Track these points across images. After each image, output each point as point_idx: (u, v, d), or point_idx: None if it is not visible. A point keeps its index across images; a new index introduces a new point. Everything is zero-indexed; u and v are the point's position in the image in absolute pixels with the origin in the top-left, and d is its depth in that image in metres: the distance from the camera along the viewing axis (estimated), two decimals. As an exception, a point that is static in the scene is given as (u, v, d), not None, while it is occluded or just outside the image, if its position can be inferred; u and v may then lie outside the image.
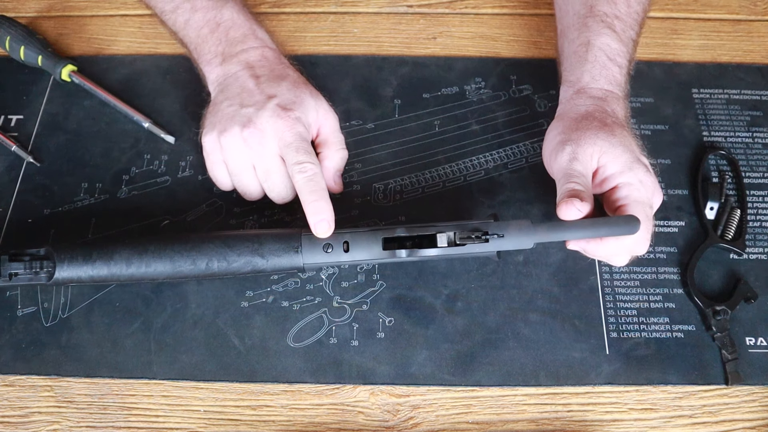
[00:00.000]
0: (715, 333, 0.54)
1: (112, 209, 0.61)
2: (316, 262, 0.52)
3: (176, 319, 0.56)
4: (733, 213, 0.60)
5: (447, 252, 0.51)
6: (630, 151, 0.52)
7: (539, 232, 0.50)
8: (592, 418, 0.52)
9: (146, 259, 0.52)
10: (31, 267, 0.52)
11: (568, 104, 0.56)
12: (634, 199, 0.50)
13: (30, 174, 0.63)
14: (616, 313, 0.56)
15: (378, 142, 0.64)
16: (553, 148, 0.53)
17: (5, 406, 0.53)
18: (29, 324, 0.55)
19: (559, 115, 0.56)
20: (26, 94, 0.67)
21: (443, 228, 0.51)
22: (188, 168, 0.63)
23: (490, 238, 0.50)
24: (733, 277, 0.57)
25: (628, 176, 0.50)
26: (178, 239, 0.53)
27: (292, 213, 0.60)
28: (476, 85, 0.67)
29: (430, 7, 0.74)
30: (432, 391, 0.53)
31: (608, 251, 0.51)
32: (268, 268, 0.52)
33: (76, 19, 0.73)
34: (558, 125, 0.55)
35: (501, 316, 0.56)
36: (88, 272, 0.52)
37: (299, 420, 0.52)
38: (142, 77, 0.68)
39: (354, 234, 0.52)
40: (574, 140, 0.52)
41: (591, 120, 0.53)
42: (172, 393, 0.53)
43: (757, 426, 0.52)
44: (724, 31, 0.72)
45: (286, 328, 0.55)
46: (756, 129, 0.65)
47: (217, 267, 0.52)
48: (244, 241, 0.52)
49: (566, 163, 0.51)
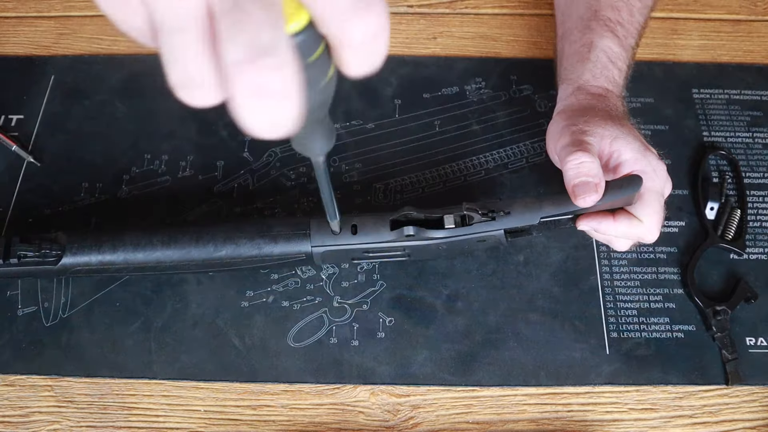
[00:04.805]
0: (715, 333, 0.54)
1: (112, 209, 0.61)
2: (324, 245, 0.52)
3: (176, 318, 0.56)
4: (734, 213, 0.60)
5: (454, 233, 0.50)
6: (639, 139, 0.51)
7: (545, 206, 0.49)
8: (593, 418, 0.52)
9: (155, 242, 0.52)
10: (40, 248, 0.51)
11: (568, 100, 0.56)
12: (647, 187, 0.49)
13: (30, 174, 0.63)
14: (617, 313, 0.56)
15: (378, 142, 0.64)
16: (559, 131, 0.52)
17: (5, 406, 0.53)
18: (30, 323, 0.55)
19: (559, 111, 0.56)
20: (26, 94, 0.67)
21: (450, 210, 0.51)
22: (188, 168, 0.63)
23: (496, 216, 0.50)
24: (733, 277, 0.57)
25: (642, 164, 0.50)
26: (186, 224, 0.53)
27: (293, 214, 0.60)
28: (476, 85, 0.67)
29: (431, 7, 0.74)
30: (432, 391, 0.53)
31: (619, 231, 0.50)
32: (275, 252, 0.52)
33: (76, 19, 0.73)
34: (561, 117, 0.54)
35: (501, 316, 0.56)
36: (97, 257, 0.51)
37: (299, 420, 0.52)
38: (142, 77, 0.68)
39: (362, 217, 0.52)
40: (582, 123, 0.51)
41: (596, 111, 0.53)
42: (173, 393, 0.53)
43: (757, 426, 0.52)
44: (724, 31, 0.72)
45: (287, 328, 0.55)
46: (756, 129, 0.65)
47: (225, 251, 0.52)
48: (252, 224, 0.53)
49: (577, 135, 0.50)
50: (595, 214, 0.49)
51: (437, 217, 0.51)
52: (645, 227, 0.49)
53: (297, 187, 0.61)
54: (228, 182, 0.62)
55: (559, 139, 0.52)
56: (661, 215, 0.50)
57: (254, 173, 0.62)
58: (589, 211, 0.49)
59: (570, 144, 0.50)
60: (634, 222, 0.49)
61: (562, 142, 0.51)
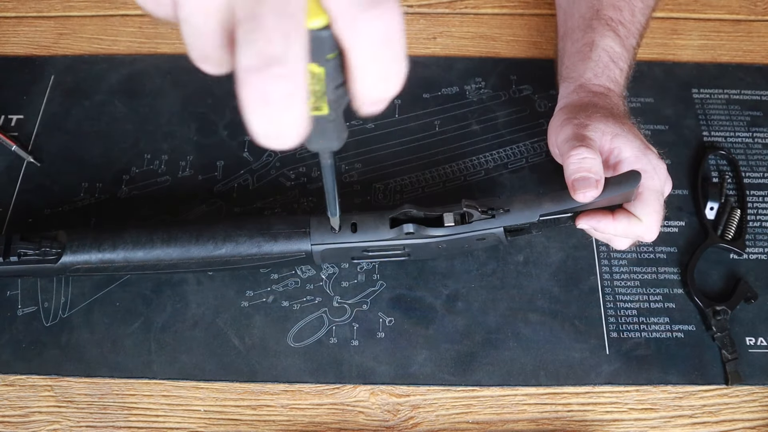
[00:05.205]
0: (715, 333, 0.54)
1: (112, 209, 0.61)
2: (324, 243, 0.52)
3: (176, 318, 0.56)
4: (733, 213, 0.60)
5: (454, 231, 0.50)
6: (639, 138, 0.51)
7: (545, 203, 0.49)
8: (592, 418, 0.52)
9: (155, 240, 0.52)
10: (40, 247, 0.51)
11: (570, 98, 0.55)
12: (647, 186, 0.49)
13: (30, 174, 0.63)
14: (616, 313, 0.56)
15: (378, 142, 0.64)
16: (560, 124, 0.52)
17: (5, 406, 0.53)
18: (29, 323, 0.55)
19: (560, 108, 0.56)
20: (26, 94, 0.67)
21: (450, 208, 0.51)
22: (188, 168, 0.63)
23: (495, 213, 0.50)
24: (733, 277, 0.57)
25: (642, 162, 0.50)
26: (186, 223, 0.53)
27: (293, 213, 0.60)
28: (476, 85, 0.67)
29: (430, 7, 0.74)
30: (432, 390, 0.53)
31: (619, 230, 0.50)
32: (275, 250, 0.52)
33: (76, 19, 0.73)
34: (562, 112, 0.54)
35: (501, 316, 0.56)
36: (97, 255, 0.51)
37: (299, 420, 0.52)
38: (142, 77, 0.68)
39: (362, 215, 0.52)
40: (584, 117, 0.51)
41: (597, 108, 0.53)
42: (173, 393, 0.53)
43: (757, 426, 0.52)
44: (724, 31, 0.72)
45: (287, 328, 0.55)
46: (756, 129, 0.65)
47: (225, 249, 0.52)
48: (252, 222, 0.53)
49: (579, 129, 0.50)
50: (595, 213, 0.49)
51: (437, 216, 0.51)
52: (644, 226, 0.49)
53: (297, 187, 0.61)
54: (228, 182, 0.62)
55: (560, 133, 0.52)
56: (660, 214, 0.50)
57: (254, 173, 0.62)
58: (588, 207, 0.49)
59: (572, 138, 0.49)
60: (633, 221, 0.49)
61: (564, 136, 0.51)
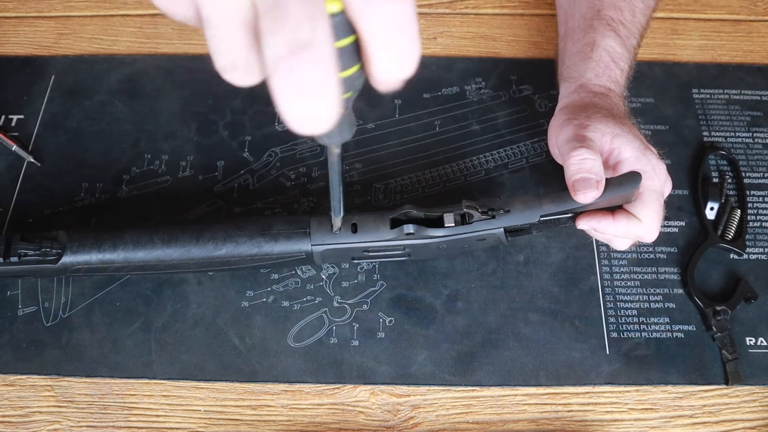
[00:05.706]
0: (715, 333, 0.54)
1: (112, 209, 0.61)
2: (324, 243, 0.52)
3: (177, 319, 0.56)
4: (733, 213, 0.60)
5: (454, 232, 0.50)
6: (639, 138, 0.51)
7: (545, 204, 0.49)
8: (593, 418, 0.52)
9: (155, 241, 0.52)
10: (40, 247, 0.51)
11: (570, 98, 0.55)
12: (647, 187, 0.49)
13: (30, 174, 0.63)
14: (617, 313, 0.56)
15: (378, 142, 0.64)
16: (560, 125, 0.52)
17: (5, 406, 0.53)
18: (30, 323, 0.55)
19: (561, 107, 0.56)
20: (27, 94, 0.67)
21: (450, 209, 0.51)
22: (188, 168, 0.63)
23: (496, 214, 0.50)
24: (733, 277, 0.57)
25: (642, 162, 0.50)
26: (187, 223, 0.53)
27: (293, 213, 0.60)
28: (476, 85, 0.67)
29: (430, 7, 0.74)
30: (432, 391, 0.53)
31: (618, 231, 0.50)
32: (275, 251, 0.52)
33: (76, 19, 0.73)
34: (563, 112, 0.54)
35: (501, 316, 0.56)
36: (97, 255, 0.51)
37: (300, 420, 0.53)
38: (142, 77, 0.68)
39: (362, 216, 0.52)
40: (584, 118, 0.51)
41: (597, 108, 0.53)
42: (173, 393, 0.53)
43: (757, 426, 0.52)
44: (725, 31, 0.72)
45: (287, 328, 0.55)
46: (756, 129, 0.65)
47: (225, 249, 0.52)
48: (252, 222, 0.53)
49: (579, 129, 0.50)
50: (595, 213, 0.49)
51: (437, 216, 0.51)
52: (644, 226, 0.49)
53: (297, 187, 0.61)
54: (228, 182, 0.62)
55: (560, 133, 0.52)
56: (660, 215, 0.50)
57: (254, 173, 0.62)
58: (588, 208, 0.49)
59: (572, 138, 0.50)
60: (633, 221, 0.49)
61: (564, 136, 0.51)
